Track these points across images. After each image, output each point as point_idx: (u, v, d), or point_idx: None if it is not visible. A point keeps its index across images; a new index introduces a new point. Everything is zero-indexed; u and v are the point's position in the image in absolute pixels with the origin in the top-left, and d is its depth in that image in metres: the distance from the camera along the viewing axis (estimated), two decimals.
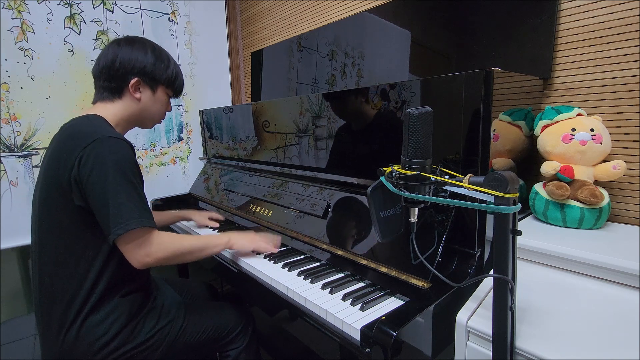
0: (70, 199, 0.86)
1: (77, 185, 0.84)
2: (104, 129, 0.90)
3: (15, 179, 1.45)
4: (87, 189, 0.84)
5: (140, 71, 0.99)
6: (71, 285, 0.88)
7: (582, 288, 0.68)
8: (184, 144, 1.96)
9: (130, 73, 0.98)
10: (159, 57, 1.02)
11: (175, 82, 1.06)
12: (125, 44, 0.99)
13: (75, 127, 0.91)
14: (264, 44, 2.05)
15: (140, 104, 1.01)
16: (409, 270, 0.80)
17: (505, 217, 0.51)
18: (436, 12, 1.20)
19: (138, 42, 1.01)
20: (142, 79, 1.00)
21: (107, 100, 0.99)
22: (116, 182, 0.83)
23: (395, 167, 0.60)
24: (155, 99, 1.04)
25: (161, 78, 1.03)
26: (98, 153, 0.84)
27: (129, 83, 0.98)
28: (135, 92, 1.00)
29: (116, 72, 0.97)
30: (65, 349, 0.88)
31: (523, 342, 0.56)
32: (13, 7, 1.41)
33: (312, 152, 1.19)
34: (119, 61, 0.96)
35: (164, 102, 1.07)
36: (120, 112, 1.00)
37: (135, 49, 0.99)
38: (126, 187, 0.85)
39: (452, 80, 0.77)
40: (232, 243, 1.06)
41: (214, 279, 2.09)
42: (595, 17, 0.90)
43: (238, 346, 1.09)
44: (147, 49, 1.01)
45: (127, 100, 1.00)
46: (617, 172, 0.82)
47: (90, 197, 0.84)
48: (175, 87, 1.08)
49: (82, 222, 0.87)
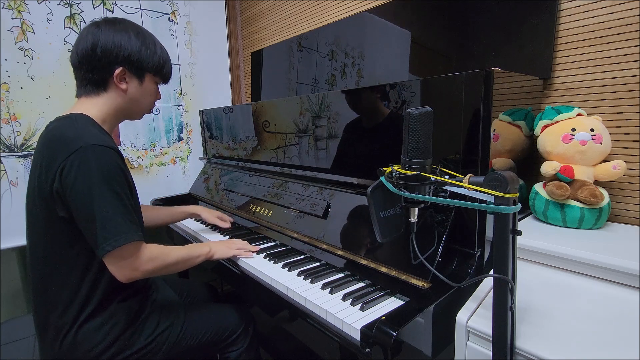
0: (53, 209, 0.82)
1: (60, 197, 0.80)
2: (89, 133, 0.83)
3: (15, 179, 1.45)
4: (71, 202, 0.79)
5: (125, 59, 0.89)
6: (65, 292, 0.85)
7: (582, 288, 0.68)
8: (184, 144, 1.96)
9: (114, 62, 0.89)
10: (144, 42, 0.92)
11: (163, 68, 0.98)
12: (105, 26, 0.89)
13: (59, 130, 0.85)
14: (264, 44, 2.05)
15: (128, 96, 0.93)
16: (409, 270, 0.80)
17: (505, 217, 0.51)
18: (436, 12, 1.20)
19: (119, 23, 0.91)
20: (128, 68, 0.91)
21: (92, 94, 0.91)
22: (102, 194, 0.78)
23: (395, 167, 0.60)
24: (143, 88, 0.96)
25: (148, 65, 0.94)
26: (81, 163, 0.78)
27: (113, 73, 0.89)
28: (121, 83, 0.91)
29: (98, 62, 0.88)
30: (63, 355, 0.86)
31: (523, 342, 0.56)
32: (13, 7, 1.41)
33: (312, 152, 1.19)
34: (100, 48, 0.87)
35: (152, 91, 0.99)
36: (107, 106, 0.92)
37: (118, 32, 0.89)
38: (112, 199, 0.80)
39: (452, 80, 0.77)
40: (213, 252, 1.04)
41: (214, 279, 2.09)
42: (595, 17, 0.90)
43: (238, 348, 1.09)
44: (130, 32, 0.91)
45: (112, 93, 0.92)
46: (617, 172, 0.82)
47: (74, 210, 0.80)
48: (164, 73, 0.99)
49: (69, 232, 0.83)
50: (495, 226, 0.53)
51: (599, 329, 0.58)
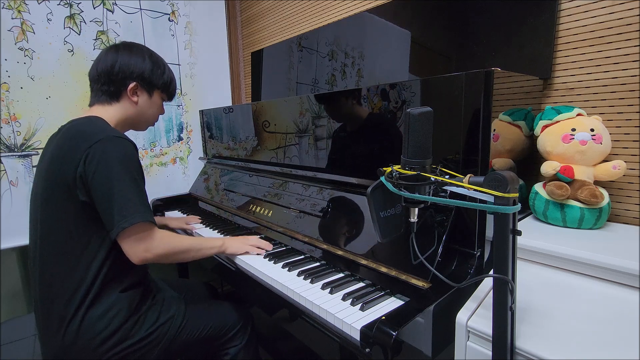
0: (75, 194, 0.88)
1: (82, 181, 0.87)
2: (108, 129, 0.93)
3: (15, 179, 1.45)
4: (92, 185, 0.86)
5: (139, 76, 1.03)
6: (72, 281, 0.89)
7: (582, 288, 0.68)
8: (184, 144, 1.96)
9: (129, 78, 1.02)
10: (155, 63, 1.07)
11: (169, 86, 1.12)
12: (123, 50, 1.03)
13: (78, 127, 0.93)
14: (264, 44, 2.05)
15: (137, 107, 1.06)
16: (409, 270, 0.80)
17: (505, 217, 0.51)
18: (436, 12, 1.20)
19: (136, 48, 1.06)
20: (140, 83, 1.04)
21: (105, 103, 1.02)
22: (121, 178, 0.87)
23: (395, 167, 0.60)
24: (152, 102, 1.09)
25: (158, 83, 1.08)
26: (104, 151, 0.87)
27: (128, 87, 1.02)
28: (133, 96, 1.04)
29: (115, 77, 1.01)
30: (66, 345, 0.88)
31: (523, 342, 0.56)
32: (13, 7, 1.41)
33: (312, 152, 1.19)
34: (118, 66, 1.00)
35: (158, 106, 1.12)
36: (118, 114, 1.03)
37: (134, 55, 1.03)
38: (131, 183, 0.88)
39: (452, 80, 0.77)
40: (226, 247, 1.10)
41: (213, 279, 2.09)
42: (595, 17, 0.90)
43: (237, 344, 1.10)
44: (145, 55, 1.05)
45: (124, 104, 1.04)
46: (617, 172, 0.82)
47: (95, 193, 0.86)
48: (170, 91, 1.14)
49: (86, 217, 0.89)
50: (495, 226, 0.53)
51: (599, 329, 0.58)
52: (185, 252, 1.00)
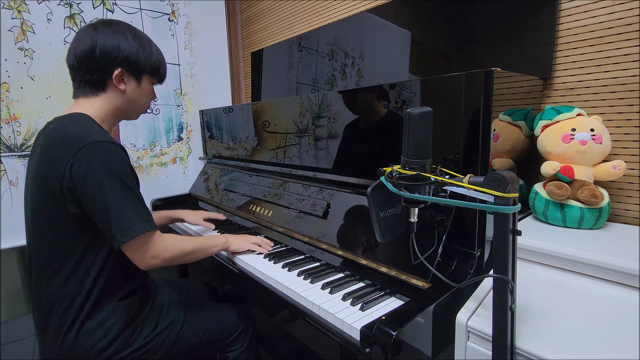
0: (64, 206, 0.83)
1: (71, 192, 0.82)
2: (93, 131, 0.85)
3: (15, 179, 1.45)
4: (83, 199, 0.81)
5: (124, 61, 0.92)
6: (69, 291, 0.87)
7: (582, 288, 0.68)
8: (184, 144, 1.96)
9: (113, 64, 0.91)
10: (141, 44, 0.94)
11: (159, 69, 1.00)
12: (102, 28, 0.91)
13: (62, 129, 0.86)
14: (264, 44, 2.05)
15: (126, 96, 0.95)
16: (409, 270, 0.80)
17: (505, 217, 0.51)
18: (436, 12, 1.20)
19: (116, 25, 0.93)
20: (126, 69, 0.93)
21: (91, 95, 0.93)
22: (112, 187, 0.81)
23: (395, 167, 0.60)
24: (141, 89, 0.98)
25: (145, 67, 0.96)
26: (90, 159, 0.80)
27: (112, 74, 0.91)
28: (120, 84, 0.93)
29: (97, 63, 0.90)
30: (63, 354, 0.87)
31: (523, 342, 0.56)
32: (13, 7, 1.41)
33: (312, 152, 1.19)
34: (99, 50, 0.89)
35: (149, 92, 1.02)
36: (106, 107, 0.94)
37: (115, 34, 0.91)
38: (123, 191, 0.83)
39: (452, 80, 0.77)
40: (230, 244, 1.08)
41: (214, 279, 2.09)
42: (595, 17, 0.90)
43: (238, 347, 1.09)
44: (127, 33, 0.93)
45: (111, 94, 0.94)
46: (617, 172, 0.82)
47: (88, 204, 0.82)
48: (160, 74, 1.02)
49: (78, 227, 0.85)
50: (495, 226, 0.53)
51: (599, 329, 0.58)
52: (191, 254, 0.99)
